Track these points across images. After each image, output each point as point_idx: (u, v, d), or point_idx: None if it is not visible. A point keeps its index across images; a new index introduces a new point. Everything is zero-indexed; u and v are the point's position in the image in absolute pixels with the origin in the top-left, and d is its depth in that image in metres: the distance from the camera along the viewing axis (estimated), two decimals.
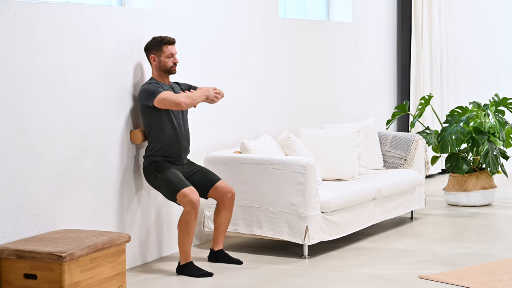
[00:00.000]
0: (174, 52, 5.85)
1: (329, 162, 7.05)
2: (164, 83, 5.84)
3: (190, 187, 5.66)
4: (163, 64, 5.82)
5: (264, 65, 7.50)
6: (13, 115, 4.93)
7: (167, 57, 5.82)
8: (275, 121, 7.60)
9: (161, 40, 5.82)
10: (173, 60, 5.84)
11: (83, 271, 4.77)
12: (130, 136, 5.86)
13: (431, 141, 8.13)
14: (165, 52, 5.81)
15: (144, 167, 5.82)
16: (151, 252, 6.15)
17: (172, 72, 5.85)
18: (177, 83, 6.01)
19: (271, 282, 5.53)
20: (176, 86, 5.94)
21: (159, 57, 5.81)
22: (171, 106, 5.65)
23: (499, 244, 6.65)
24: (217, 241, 6.03)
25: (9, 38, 4.89)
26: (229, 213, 5.97)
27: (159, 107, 5.67)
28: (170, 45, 5.83)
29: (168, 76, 5.89)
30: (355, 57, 9.01)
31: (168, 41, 5.83)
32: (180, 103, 5.63)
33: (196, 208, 5.58)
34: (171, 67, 5.83)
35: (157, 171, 5.73)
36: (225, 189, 5.92)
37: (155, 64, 5.83)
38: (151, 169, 5.77)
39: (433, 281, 5.47)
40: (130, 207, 5.92)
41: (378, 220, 6.95)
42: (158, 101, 5.65)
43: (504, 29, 10.42)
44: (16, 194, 4.96)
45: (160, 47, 5.81)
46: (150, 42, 5.86)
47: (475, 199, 8.18)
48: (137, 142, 5.88)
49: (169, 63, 5.83)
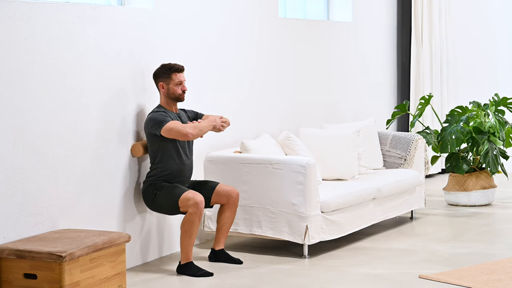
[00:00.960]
0: (183, 79, 5.85)
1: (329, 161, 7.05)
2: (171, 111, 5.84)
3: (191, 190, 5.67)
4: (171, 91, 5.81)
5: (264, 64, 7.50)
6: (13, 114, 4.93)
7: (175, 84, 5.81)
8: (275, 121, 7.60)
9: (170, 68, 5.81)
10: (181, 88, 5.83)
11: (83, 271, 4.77)
12: (131, 149, 5.87)
13: (431, 140, 8.13)
14: (174, 80, 5.81)
15: (144, 190, 5.82)
16: (151, 252, 6.15)
17: (180, 99, 5.85)
18: (184, 111, 6.02)
19: (271, 282, 5.53)
20: (183, 114, 5.95)
21: (168, 84, 5.81)
22: (178, 137, 5.66)
23: (499, 243, 6.65)
24: (218, 241, 6.03)
25: (9, 38, 4.89)
26: (233, 213, 5.97)
27: (166, 136, 5.68)
28: (179, 73, 5.82)
29: (176, 104, 5.89)
30: (355, 57, 9.01)
31: (177, 69, 5.82)
32: (187, 134, 5.64)
33: (201, 209, 5.58)
34: (179, 95, 5.83)
35: (156, 190, 5.74)
36: (228, 191, 5.92)
37: (163, 91, 5.83)
38: (150, 190, 5.77)
39: (433, 280, 5.47)
40: (130, 207, 5.92)
41: (378, 219, 6.95)
42: (165, 131, 5.65)
43: (504, 28, 10.41)
44: (16, 194, 4.96)
45: (169, 75, 5.81)
46: (159, 69, 5.85)
47: (475, 198, 8.18)
48: (138, 155, 5.89)
49: (178, 91, 5.82)
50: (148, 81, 6.03)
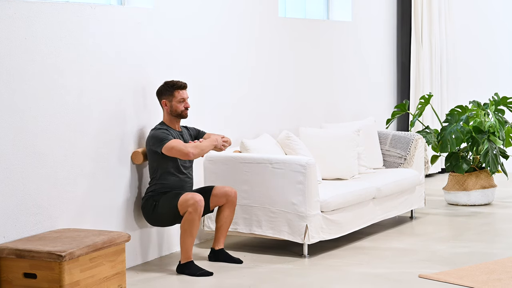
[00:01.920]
0: (186, 96, 5.85)
1: (329, 161, 7.05)
2: (174, 128, 5.84)
3: (189, 192, 5.67)
4: (174, 109, 5.82)
5: (264, 64, 7.50)
6: (13, 114, 4.93)
7: (178, 102, 5.81)
8: (275, 120, 7.60)
9: (173, 85, 5.82)
10: (184, 105, 5.83)
11: (83, 270, 4.77)
12: (131, 157, 5.87)
13: (431, 140, 8.13)
14: (177, 97, 5.81)
15: (143, 205, 5.82)
16: (151, 251, 6.15)
17: (183, 116, 5.85)
18: (187, 128, 6.03)
19: (271, 281, 5.53)
20: (185, 132, 5.96)
21: (171, 101, 5.81)
22: (179, 156, 5.66)
23: (498, 243, 6.65)
24: (218, 241, 6.03)
25: (9, 37, 4.89)
26: (231, 213, 5.97)
27: (167, 154, 5.68)
28: (181, 90, 5.83)
29: (179, 121, 5.89)
30: (355, 56, 9.01)
31: (180, 86, 5.83)
32: (188, 154, 5.64)
33: (200, 208, 5.58)
34: (182, 112, 5.83)
35: (155, 201, 5.75)
36: (225, 191, 5.91)
37: (166, 108, 5.83)
38: (149, 203, 5.77)
39: (433, 280, 5.47)
40: (130, 206, 5.92)
41: (378, 219, 6.95)
42: (167, 149, 5.65)
43: (504, 28, 10.41)
44: (16, 194, 4.96)
45: (172, 92, 5.81)
46: (162, 87, 5.86)
47: (475, 198, 8.18)
48: (139, 163, 5.90)
49: (181, 108, 5.82)
50: (148, 80, 6.03)
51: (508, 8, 10.40)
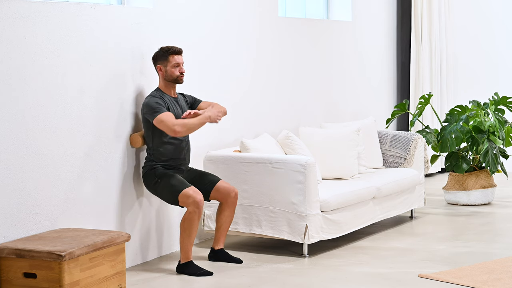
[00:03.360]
0: (181, 61, 5.83)
1: (329, 161, 7.05)
2: (169, 95, 5.83)
3: (192, 187, 5.66)
4: (169, 74, 5.80)
5: (264, 64, 7.50)
6: (13, 114, 4.93)
7: (173, 66, 5.80)
8: (274, 120, 7.60)
9: (168, 50, 5.80)
10: (179, 70, 5.81)
11: (83, 270, 4.77)
12: (130, 140, 5.86)
13: (431, 140, 8.13)
14: (172, 62, 5.79)
15: (144, 174, 5.82)
16: (151, 251, 6.15)
17: (179, 81, 5.83)
18: (183, 95, 6.01)
19: (271, 281, 5.53)
20: (181, 98, 5.94)
21: (166, 67, 5.79)
22: (166, 131, 5.64)
23: (498, 243, 6.65)
24: (218, 240, 6.03)
25: (9, 37, 4.89)
26: (231, 213, 5.97)
27: (157, 126, 5.67)
28: (176, 55, 5.81)
29: (174, 86, 5.87)
30: (354, 56, 9.01)
31: (175, 51, 5.81)
32: (175, 131, 5.60)
33: (200, 208, 5.58)
34: (177, 77, 5.81)
35: (157, 177, 5.73)
36: (228, 189, 5.92)
37: (161, 74, 5.82)
38: (150, 176, 5.77)
39: (433, 280, 5.47)
40: (130, 206, 5.92)
41: (378, 219, 6.95)
42: (157, 122, 5.64)
43: (504, 28, 10.41)
44: (16, 193, 4.96)
45: (167, 57, 5.79)
46: (157, 52, 5.84)
47: (475, 198, 8.18)
48: (137, 146, 5.88)
49: (176, 73, 5.80)
50: (148, 80, 6.03)
51: (508, 8, 10.40)
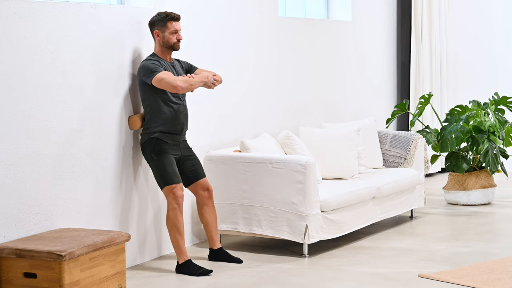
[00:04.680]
0: (179, 28, 5.79)
1: (329, 161, 7.05)
2: (165, 59, 5.79)
3: (180, 184, 5.66)
4: (166, 40, 5.76)
5: (264, 63, 7.50)
6: (13, 114, 4.93)
7: (171, 33, 5.76)
8: (274, 120, 7.60)
9: (166, 16, 5.76)
10: (177, 37, 5.78)
11: (83, 270, 4.77)
12: (128, 122, 5.84)
13: (431, 140, 8.13)
14: (169, 28, 5.76)
15: (142, 143, 5.78)
16: (151, 251, 6.15)
17: (175, 48, 5.80)
18: (178, 61, 5.98)
19: (271, 281, 5.53)
20: (177, 64, 5.90)
21: (163, 32, 5.76)
22: (168, 88, 5.59)
23: (498, 243, 6.66)
24: (212, 239, 6.02)
25: (9, 37, 4.89)
26: (211, 209, 5.95)
27: (156, 86, 5.63)
28: (174, 21, 5.77)
29: (170, 53, 5.84)
30: (354, 56, 9.01)
31: (173, 17, 5.77)
32: (177, 87, 5.56)
33: (180, 204, 5.59)
34: (174, 44, 5.78)
35: (154, 153, 5.71)
36: (203, 187, 5.93)
37: (158, 39, 5.77)
38: (149, 147, 5.73)
39: (433, 280, 5.47)
40: (130, 206, 5.92)
41: (378, 219, 6.95)
42: (156, 81, 5.59)
43: (504, 28, 10.41)
44: (16, 193, 4.96)
45: (165, 23, 5.75)
46: (155, 17, 5.80)
47: (475, 198, 8.18)
48: (136, 128, 5.85)
49: (173, 39, 5.77)
50: None
51: (508, 7, 10.40)
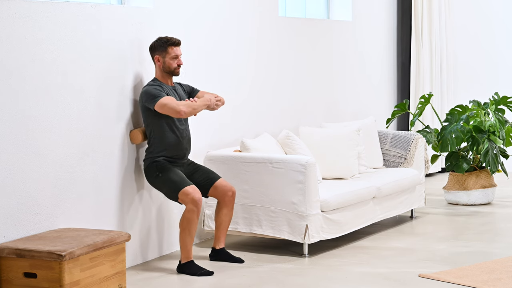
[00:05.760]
0: (179, 53, 5.82)
1: (329, 160, 7.05)
2: (166, 84, 5.82)
3: (192, 185, 5.66)
4: (167, 65, 5.79)
5: (264, 63, 7.50)
6: (13, 114, 4.93)
7: (171, 58, 5.79)
8: (275, 120, 7.60)
9: (167, 41, 5.79)
10: (177, 62, 5.81)
11: (83, 270, 4.77)
12: (130, 136, 5.86)
13: (431, 139, 8.13)
14: (170, 54, 5.78)
15: (145, 167, 5.80)
16: (151, 251, 6.15)
17: (175, 74, 5.83)
18: (180, 84, 6.00)
19: (271, 281, 5.53)
20: (178, 88, 5.93)
21: (164, 58, 5.78)
22: (171, 113, 5.63)
23: (499, 242, 6.65)
24: (218, 239, 6.03)
25: (9, 37, 4.89)
26: (230, 211, 5.97)
27: (159, 111, 5.66)
28: (175, 47, 5.80)
29: (171, 77, 5.86)
30: (355, 55, 9.01)
31: (174, 42, 5.80)
32: (180, 112, 5.60)
33: (199, 207, 5.58)
34: (175, 69, 5.81)
35: (158, 171, 5.72)
36: (225, 188, 5.91)
37: (159, 64, 5.80)
38: (152, 169, 5.76)
39: (433, 279, 5.47)
40: (131, 206, 5.92)
41: (378, 218, 6.95)
42: (159, 106, 5.63)
43: (504, 27, 10.41)
44: (16, 193, 4.96)
45: (165, 48, 5.78)
46: (156, 42, 5.83)
47: (475, 197, 8.18)
48: (137, 142, 5.87)
49: (174, 65, 5.80)
50: (148, 79, 6.03)
51: (508, 7, 10.40)
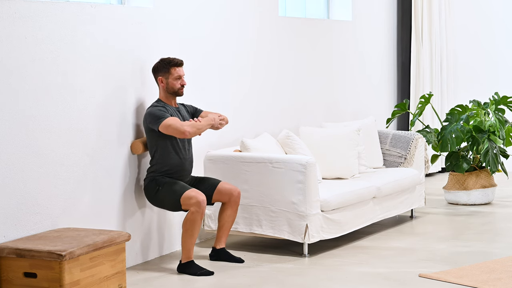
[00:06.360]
0: (182, 74, 5.83)
1: (329, 160, 7.05)
2: (170, 105, 5.83)
3: (193, 189, 5.67)
4: (170, 86, 5.80)
5: (264, 63, 7.50)
6: (13, 113, 4.93)
7: (174, 79, 5.80)
8: (275, 120, 7.60)
9: (169, 62, 5.80)
10: (180, 82, 5.82)
11: (83, 270, 4.77)
12: (130, 147, 5.86)
13: (431, 139, 8.13)
14: (173, 74, 5.79)
15: (145, 186, 5.81)
16: (151, 251, 6.15)
17: (179, 94, 5.84)
18: (183, 105, 6.01)
19: (271, 281, 5.53)
20: (182, 109, 5.95)
21: (167, 79, 5.79)
22: (176, 134, 5.64)
23: (499, 242, 6.65)
24: (220, 240, 6.03)
25: (9, 37, 4.89)
26: (234, 213, 5.97)
27: (164, 132, 5.67)
28: (178, 67, 5.81)
29: (175, 98, 5.88)
30: (355, 55, 9.01)
31: (176, 63, 5.81)
32: (184, 132, 5.62)
33: (203, 208, 5.58)
34: (178, 89, 5.82)
35: (158, 185, 5.73)
36: (230, 189, 5.91)
37: (162, 85, 5.81)
38: (152, 185, 5.76)
39: (433, 279, 5.47)
40: (130, 205, 5.92)
41: (378, 218, 6.95)
42: (164, 127, 5.64)
43: (504, 27, 10.41)
44: (16, 193, 4.96)
45: (168, 69, 5.79)
46: (158, 63, 5.84)
47: (475, 197, 8.18)
48: (138, 153, 5.89)
49: (177, 85, 5.81)
50: (148, 79, 6.03)
51: (508, 7, 10.40)
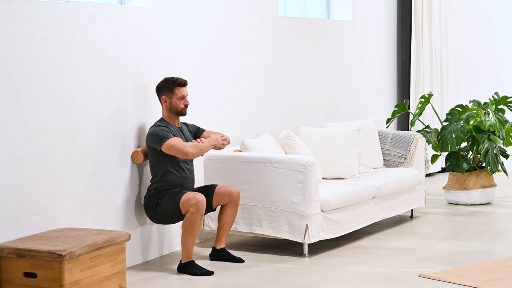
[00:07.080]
0: (186, 94, 5.84)
1: (329, 160, 7.05)
2: (173, 125, 5.84)
3: (191, 191, 5.67)
4: (174, 106, 5.81)
5: (264, 63, 7.50)
6: (13, 113, 4.93)
7: (178, 99, 5.81)
8: (275, 120, 7.60)
9: (173, 82, 5.81)
10: (184, 102, 5.83)
11: (83, 270, 4.77)
12: (131, 156, 5.87)
13: (431, 139, 8.13)
14: (177, 94, 5.80)
15: (145, 202, 5.81)
16: (151, 250, 6.15)
17: (183, 114, 5.85)
18: (186, 124, 6.02)
19: (271, 281, 5.53)
20: (185, 128, 5.96)
21: (171, 98, 5.80)
22: (178, 155, 5.66)
23: (499, 242, 6.66)
24: (220, 240, 6.03)
25: (9, 37, 4.89)
26: (234, 213, 5.97)
27: (166, 152, 5.67)
28: (182, 87, 5.81)
29: (178, 118, 5.89)
30: (355, 55, 9.01)
31: (180, 83, 5.81)
32: (187, 153, 5.64)
33: (202, 208, 5.58)
34: (182, 109, 5.83)
35: (157, 199, 5.74)
36: (228, 190, 5.91)
37: (166, 105, 5.82)
38: (151, 200, 5.77)
39: (433, 279, 5.47)
40: (131, 205, 5.92)
41: (378, 218, 6.95)
42: (166, 148, 5.65)
43: (504, 27, 10.41)
44: (16, 193, 4.96)
45: (172, 89, 5.80)
46: (162, 83, 5.85)
47: (475, 197, 8.18)
48: (139, 162, 5.89)
49: (180, 105, 5.82)
50: (148, 79, 6.03)
51: (508, 7, 10.40)
